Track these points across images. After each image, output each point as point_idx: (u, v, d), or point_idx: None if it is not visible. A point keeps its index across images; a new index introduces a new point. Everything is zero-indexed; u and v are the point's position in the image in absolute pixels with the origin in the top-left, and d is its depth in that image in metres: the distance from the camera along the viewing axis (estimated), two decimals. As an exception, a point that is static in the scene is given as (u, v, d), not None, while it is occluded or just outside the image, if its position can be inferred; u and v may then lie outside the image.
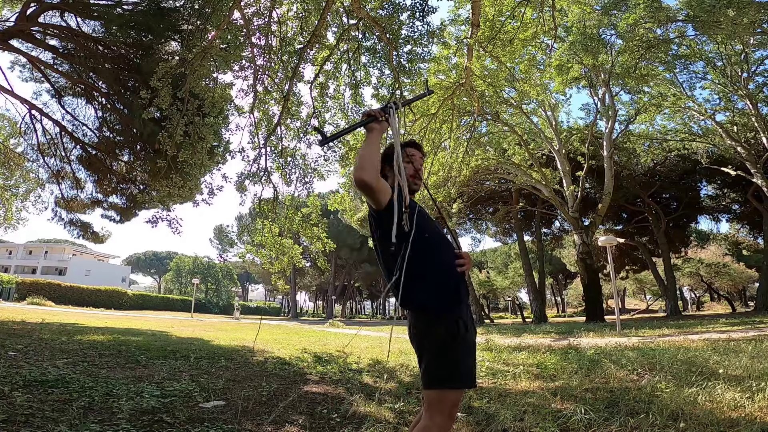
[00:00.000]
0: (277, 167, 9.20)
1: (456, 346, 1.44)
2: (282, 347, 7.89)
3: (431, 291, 1.49)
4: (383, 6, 7.83)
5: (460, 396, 1.46)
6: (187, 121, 7.59)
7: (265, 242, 9.67)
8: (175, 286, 60.48)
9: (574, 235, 21.07)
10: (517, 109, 18.44)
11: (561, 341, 8.68)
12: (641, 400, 3.16)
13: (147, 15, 9.00)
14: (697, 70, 17.61)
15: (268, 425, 2.79)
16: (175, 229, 10.06)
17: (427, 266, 1.50)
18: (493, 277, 42.98)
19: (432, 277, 1.50)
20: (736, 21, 10.85)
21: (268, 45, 8.41)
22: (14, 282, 28.98)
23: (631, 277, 35.93)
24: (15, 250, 50.95)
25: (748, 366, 4.06)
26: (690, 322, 15.09)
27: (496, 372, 4.81)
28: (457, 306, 1.49)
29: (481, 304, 33.40)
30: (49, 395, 2.95)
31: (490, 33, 10.01)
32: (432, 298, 1.48)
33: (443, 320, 1.46)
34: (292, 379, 4.49)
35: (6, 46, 9.29)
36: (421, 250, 1.49)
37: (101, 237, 12.84)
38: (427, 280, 1.49)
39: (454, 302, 1.49)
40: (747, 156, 18.20)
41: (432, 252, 1.53)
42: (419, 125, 11.50)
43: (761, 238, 25.13)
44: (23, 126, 11.31)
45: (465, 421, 2.86)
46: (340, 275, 50.04)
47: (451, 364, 1.44)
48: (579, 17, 13.13)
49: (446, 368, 1.43)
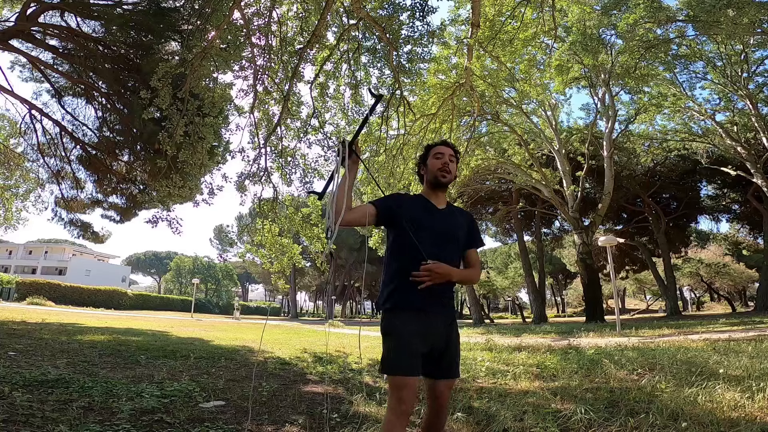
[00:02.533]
0: (277, 167, 9.20)
1: (388, 339, 1.66)
2: (282, 347, 7.89)
3: (383, 292, 1.75)
4: (383, 6, 7.83)
5: (400, 382, 1.58)
6: (187, 121, 7.58)
7: (265, 242, 9.68)
8: (175, 286, 60.49)
9: (574, 235, 21.07)
10: (517, 109, 18.43)
11: (561, 341, 8.68)
12: (641, 400, 3.16)
13: (147, 15, 8.99)
14: (697, 70, 17.63)
15: (268, 425, 2.79)
16: (175, 229, 10.06)
17: (390, 271, 1.77)
18: (493, 277, 42.97)
19: (389, 282, 1.75)
20: (736, 21, 10.84)
21: (268, 45, 8.40)
22: (14, 282, 28.99)
23: (631, 277, 35.93)
24: (15, 250, 50.94)
25: (748, 366, 4.06)
26: (690, 322, 15.09)
27: (496, 372, 4.81)
28: (398, 308, 1.69)
29: (481, 304, 33.39)
30: (49, 395, 2.96)
31: (490, 33, 10.01)
32: (380, 297, 1.77)
33: (383, 317, 1.72)
34: (292, 379, 4.49)
35: (6, 46, 9.29)
36: (389, 258, 1.80)
37: (101, 237, 12.83)
38: (385, 285, 1.76)
39: (395, 303, 1.70)
40: (747, 156, 18.20)
41: (397, 260, 1.76)
42: (419, 125, 11.50)
43: (761, 238, 25.12)
44: (23, 126, 11.31)
45: (465, 421, 2.86)
46: (340, 275, 50.05)
47: (383, 353, 1.66)
48: (579, 17, 13.12)
49: (383, 357, 1.65)
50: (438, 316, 1.71)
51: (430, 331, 1.67)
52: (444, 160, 1.85)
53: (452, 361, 1.73)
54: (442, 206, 1.86)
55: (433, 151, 1.90)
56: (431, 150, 1.91)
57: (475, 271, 1.85)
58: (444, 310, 1.74)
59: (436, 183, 1.85)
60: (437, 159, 1.86)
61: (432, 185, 1.87)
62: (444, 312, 1.74)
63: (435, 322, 1.69)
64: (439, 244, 1.73)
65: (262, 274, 54.56)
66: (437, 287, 1.66)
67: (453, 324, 1.77)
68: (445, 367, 1.71)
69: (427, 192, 1.89)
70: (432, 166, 1.86)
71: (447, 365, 1.71)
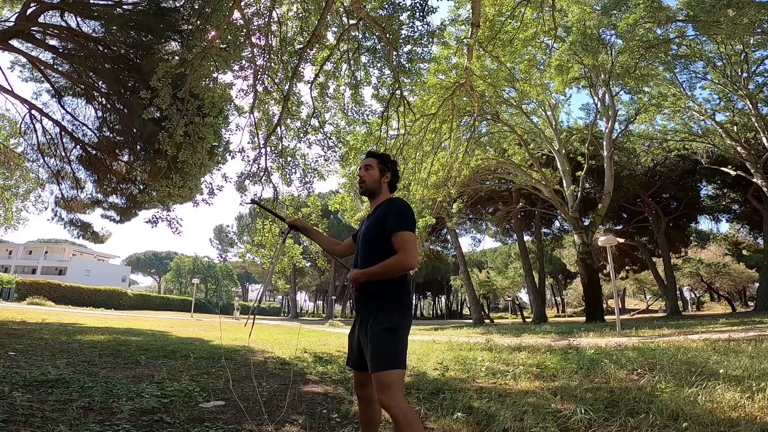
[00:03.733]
0: (277, 167, 9.19)
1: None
2: (282, 347, 7.89)
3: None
4: (383, 6, 7.83)
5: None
6: (187, 121, 7.58)
7: (265, 242, 9.67)
8: (175, 286, 60.51)
9: (574, 235, 21.07)
10: (517, 109, 18.44)
11: (561, 341, 8.68)
12: (641, 400, 3.16)
13: (147, 15, 8.99)
14: (697, 70, 17.63)
15: (268, 425, 2.79)
16: (175, 229, 10.05)
17: None
18: (493, 277, 42.92)
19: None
20: (736, 21, 10.84)
21: (268, 45, 8.40)
22: (14, 282, 28.98)
23: (631, 277, 35.91)
24: (15, 250, 50.93)
25: (748, 366, 4.06)
26: (690, 322, 15.09)
27: (496, 372, 4.81)
28: (355, 304, 1.97)
29: (481, 304, 33.38)
30: (49, 395, 2.96)
31: (490, 33, 10.01)
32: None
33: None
34: (292, 379, 4.49)
35: (6, 46, 9.29)
36: None
37: (101, 237, 12.84)
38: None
39: (354, 304, 1.97)
40: (747, 156, 18.20)
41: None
42: (419, 125, 11.50)
43: (761, 238, 25.12)
44: (23, 126, 11.31)
45: (465, 421, 2.86)
46: (340, 275, 50.03)
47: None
48: (579, 17, 13.12)
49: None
50: (358, 315, 1.94)
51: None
52: (360, 173, 2.09)
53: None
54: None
55: None
56: None
57: (393, 259, 1.81)
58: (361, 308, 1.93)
59: (361, 194, 2.13)
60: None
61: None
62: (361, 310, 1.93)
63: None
64: (359, 248, 1.99)
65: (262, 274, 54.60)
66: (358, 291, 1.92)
67: (371, 321, 1.85)
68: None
69: None
70: None
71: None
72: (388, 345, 1.76)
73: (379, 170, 2.05)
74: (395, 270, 1.83)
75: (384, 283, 1.86)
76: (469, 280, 29.02)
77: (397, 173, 2.10)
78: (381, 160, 2.08)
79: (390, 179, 2.07)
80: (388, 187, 2.07)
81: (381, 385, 1.71)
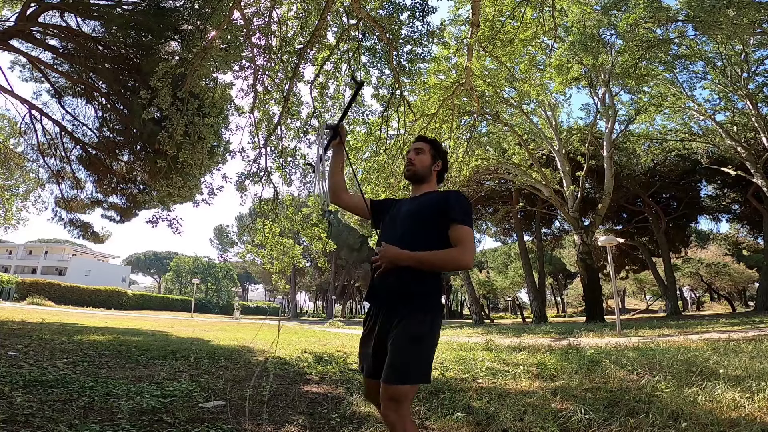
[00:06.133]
0: (277, 167, 9.20)
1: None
2: (282, 347, 7.89)
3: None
4: (383, 6, 7.83)
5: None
6: (187, 121, 7.59)
7: (266, 242, 9.67)
8: (175, 286, 60.49)
9: (574, 235, 21.07)
10: (517, 109, 18.43)
11: (561, 341, 8.68)
12: (641, 400, 3.16)
13: (147, 15, 8.99)
14: (697, 70, 17.63)
15: (268, 425, 2.79)
16: (175, 229, 10.06)
17: None
18: (493, 277, 42.94)
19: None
20: (736, 21, 10.85)
21: (268, 45, 8.40)
22: (14, 282, 28.97)
23: (631, 277, 35.93)
24: (15, 250, 50.95)
25: (748, 366, 4.06)
26: (690, 322, 15.09)
27: (496, 372, 4.81)
28: (370, 299, 1.71)
29: (481, 304, 33.39)
30: (49, 395, 2.95)
31: (490, 33, 10.01)
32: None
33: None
34: (292, 379, 4.49)
35: (6, 46, 9.29)
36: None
37: (101, 237, 12.84)
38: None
39: (368, 297, 1.72)
40: (747, 156, 18.20)
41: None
42: (419, 125, 11.49)
43: (761, 238, 25.13)
44: (23, 126, 11.30)
45: (465, 421, 2.86)
46: (340, 275, 50.07)
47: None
48: (579, 17, 13.12)
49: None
50: (377, 314, 1.68)
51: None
52: (410, 156, 1.90)
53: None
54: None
55: None
56: None
57: (452, 251, 1.56)
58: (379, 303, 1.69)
59: (406, 177, 1.91)
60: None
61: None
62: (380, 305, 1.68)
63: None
64: (396, 227, 1.71)
65: (262, 274, 54.58)
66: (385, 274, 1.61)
67: (395, 323, 1.58)
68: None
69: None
70: None
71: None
72: (411, 356, 1.50)
73: (431, 156, 1.87)
74: (447, 264, 1.56)
75: (424, 278, 1.57)
76: (469, 280, 29.05)
77: (446, 164, 1.92)
78: (434, 146, 1.91)
79: (440, 168, 1.88)
80: (436, 176, 1.88)
81: (390, 399, 1.49)
